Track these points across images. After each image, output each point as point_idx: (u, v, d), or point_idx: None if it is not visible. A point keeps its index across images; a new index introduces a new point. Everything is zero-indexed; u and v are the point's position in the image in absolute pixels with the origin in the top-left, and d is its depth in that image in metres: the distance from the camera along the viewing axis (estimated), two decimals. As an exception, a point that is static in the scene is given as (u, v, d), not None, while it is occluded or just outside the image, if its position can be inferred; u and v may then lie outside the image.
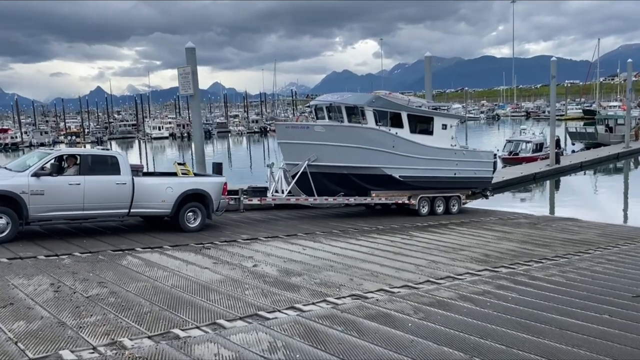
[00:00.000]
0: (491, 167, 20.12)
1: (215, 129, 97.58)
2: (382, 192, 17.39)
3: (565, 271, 9.87)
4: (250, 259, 9.71)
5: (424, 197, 18.18)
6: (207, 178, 13.57)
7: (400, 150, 17.02)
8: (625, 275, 9.74)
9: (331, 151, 16.08)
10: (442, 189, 18.68)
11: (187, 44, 15.63)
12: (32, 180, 10.30)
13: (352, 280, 8.40)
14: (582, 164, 34.35)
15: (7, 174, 10.58)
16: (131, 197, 11.43)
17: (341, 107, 16.87)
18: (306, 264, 9.46)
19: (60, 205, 10.63)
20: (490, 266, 10.06)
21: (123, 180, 11.33)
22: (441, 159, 18.13)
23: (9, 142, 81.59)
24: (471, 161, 19.34)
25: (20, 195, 10.12)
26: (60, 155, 11.28)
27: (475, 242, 12.98)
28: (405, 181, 17.39)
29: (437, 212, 18.60)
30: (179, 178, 12.76)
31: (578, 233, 15.59)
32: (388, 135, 16.81)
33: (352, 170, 16.52)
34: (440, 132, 18.19)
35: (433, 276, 8.97)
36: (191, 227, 12.31)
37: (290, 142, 16.46)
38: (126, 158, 11.89)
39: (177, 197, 12.00)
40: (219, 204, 12.91)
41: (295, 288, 7.76)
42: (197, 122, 16.67)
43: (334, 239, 12.33)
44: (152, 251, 10.10)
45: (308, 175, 15.92)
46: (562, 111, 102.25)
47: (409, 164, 17.27)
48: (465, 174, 18.96)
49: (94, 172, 11.04)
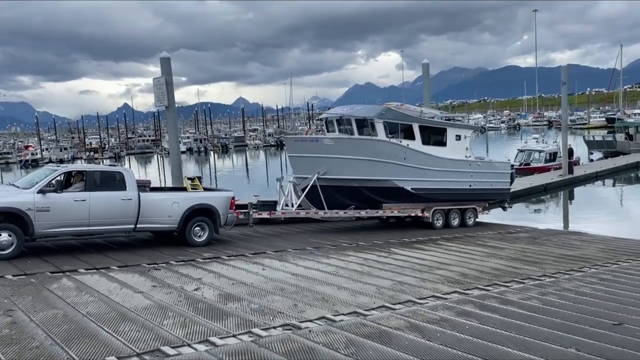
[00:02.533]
0: (508, 179, 19.64)
1: (232, 143, 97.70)
2: (394, 205, 17.11)
3: (545, 293, 8.85)
4: (197, 281, 8.93)
5: (438, 210, 17.78)
6: (214, 193, 13.34)
7: (412, 162, 16.66)
8: (615, 299, 8.68)
9: (341, 164, 15.82)
10: (457, 201, 18.24)
11: (162, 53, 15.06)
12: (37, 197, 10.36)
13: (296, 307, 7.54)
14: (597, 174, 32.80)
15: (13, 190, 10.68)
16: (137, 213, 11.40)
17: (351, 120, 16.66)
18: (255, 287, 8.63)
19: (66, 222, 10.66)
20: (462, 288, 9.09)
21: (129, 195, 11.33)
22: (455, 171, 17.69)
23: (29, 159, 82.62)
24: (487, 172, 18.88)
25: (26, 212, 10.19)
26: (67, 172, 11.44)
27: (458, 259, 12.00)
28: (417, 193, 16.95)
29: (452, 224, 18.16)
30: (185, 193, 12.70)
31: (578, 248, 14.47)
32: (399, 147, 16.50)
33: (363, 183, 16.19)
34: (454, 143, 17.85)
35: (392, 300, 8.06)
36: (198, 242, 12.24)
37: (300, 155, 16.21)
38: (132, 174, 11.79)
39: (183, 212, 11.94)
40: (226, 218, 12.80)
41: (224, 317, 6.93)
42: (172, 135, 16.04)
43: (303, 258, 11.47)
44: (95, 272, 9.39)
45: (318, 189, 15.68)
46: (585, 119, 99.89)
47: (421, 176, 16.86)
48: (481, 186, 18.52)
49: (99, 188, 11.09)
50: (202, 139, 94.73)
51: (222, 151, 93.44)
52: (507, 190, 19.77)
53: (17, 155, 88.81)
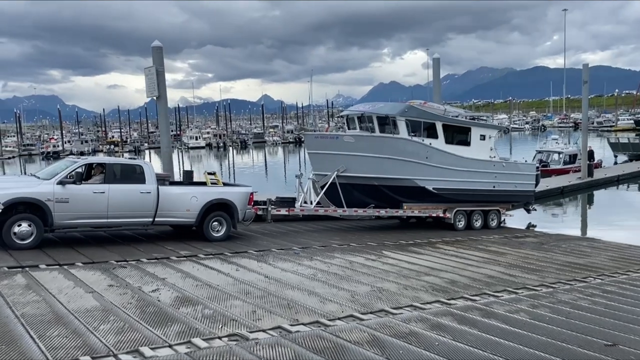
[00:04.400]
0: (533, 180, 19.26)
1: (251, 139, 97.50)
2: (414, 205, 16.71)
3: (537, 306, 8.05)
4: (160, 282, 8.34)
5: (460, 211, 17.38)
6: (233, 188, 13.20)
7: (434, 161, 16.28)
8: (614, 314, 7.84)
9: (361, 162, 15.56)
10: (480, 202, 17.81)
11: (154, 42, 14.50)
12: (57, 188, 10.41)
13: (253, 314, 6.89)
14: (619, 178, 31.38)
15: (34, 181, 10.71)
16: (155, 206, 11.37)
17: (372, 117, 16.34)
18: (218, 290, 8.01)
19: (85, 213, 10.69)
20: (447, 297, 8.34)
21: (148, 189, 11.32)
22: (479, 171, 17.29)
23: (50, 151, 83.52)
24: (512, 173, 18.42)
25: (46, 203, 10.24)
26: (87, 164, 11.46)
27: (452, 265, 11.23)
28: (439, 193, 16.55)
29: (475, 226, 17.76)
30: (204, 187, 12.57)
31: (587, 256, 13.55)
32: (421, 146, 16.11)
33: (383, 181, 15.91)
34: (478, 143, 17.48)
35: (363, 309, 7.36)
36: (216, 236, 12.19)
37: (320, 152, 16.00)
38: (152, 167, 11.81)
39: (201, 206, 11.89)
40: (244, 214, 12.71)
41: (169, 323, 6.31)
42: (163, 128, 15.46)
43: (285, 259, 10.81)
44: (56, 269, 8.87)
45: (337, 186, 15.47)
46: (613, 122, 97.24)
47: (444, 176, 16.46)
48: (505, 187, 18.09)
49: (119, 181, 11.13)
50: (222, 134, 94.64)
51: (240, 147, 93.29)
52: (531, 192, 19.41)
53: (40, 147, 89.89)
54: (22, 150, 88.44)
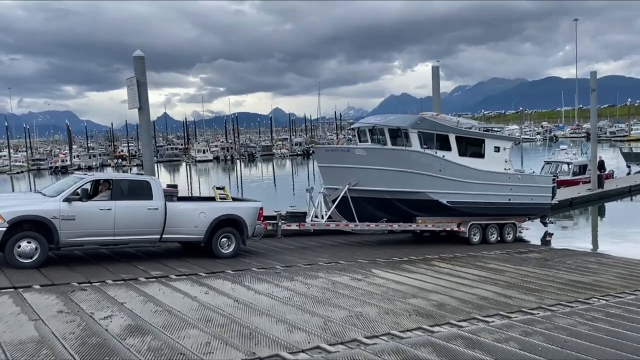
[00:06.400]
0: (550, 192, 18.92)
1: (259, 152, 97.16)
2: (428, 219, 16.44)
3: (530, 333, 7.23)
4: (118, 307, 7.65)
5: (475, 225, 16.97)
6: (242, 203, 12.95)
7: (448, 174, 15.92)
8: (617, 343, 6.98)
9: (373, 175, 15.32)
10: (495, 216, 17.41)
11: (136, 52, 13.97)
12: (63, 205, 10.22)
13: (207, 345, 6.17)
14: (631, 189, 30.25)
15: (40, 198, 10.54)
16: (163, 223, 11.16)
17: (384, 130, 16.07)
18: (177, 317, 7.28)
19: (91, 231, 10.48)
20: (430, 323, 7.55)
21: (155, 205, 11.11)
22: (493, 184, 16.88)
23: (59, 165, 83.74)
24: (527, 186, 18.03)
25: (52, 220, 10.04)
26: (94, 180, 11.25)
27: (444, 284, 10.43)
28: (453, 207, 16.15)
29: (490, 240, 17.34)
30: (212, 203, 12.35)
31: (593, 273, 12.68)
32: (434, 158, 15.76)
33: (395, 195, 15.59)
34: (492, 154, 17.12)
35: (332, 339, 6.61)
36: (225, 253, 11.94)
37: (331, 165, 15.79)
38: (159, 183, 11.60)
39: (210, 222, 11.64)
40: (254, 229, 12.45)
41: (107, 358, 5.62)
42: (146, 140, 14.88)
43: (263, 279, 10.07)
44: (9, 292, 8.22)
45: (349, 200, 15.20)
46: (626, 131, 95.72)
47: (458, 189, 16.07)
48: (521, 200, 17.73)
49: (125, 197, 10.92)
50: (229, 147, 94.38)
51: (248, 160, 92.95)
52: (548, 205, 19.04)
53: (49, 162, 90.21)
54: (32, 165, 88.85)
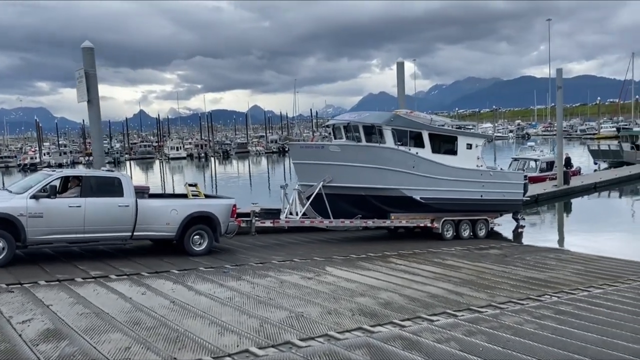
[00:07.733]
0: (521, 189, 19.10)
1: (234, 149, 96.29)
2: (402, 215, 16.46)
3: (474, 332, 6.99)
4: (42, 310, 7.20)
5: (447, 220, 17.07)
6: (215, 200, 12.79)
7: (421, 170, 15.97)
8: (561, 342, 6.77)
9: (347, 172, 15.34)
10: (468, 212, 17.54)
11: (84, 42, 13.42)
12: (30, 202, 9.98)
13: (126, 350, 5.78)
14: (596, 185, 30.52)
15: (6, 195, 10.30)
16: (134, 220, 10.98)
17: (359, 127, 16.13)
18: (104, 320, 6.87)
19: (60, 228, 10.25)
20: (372, 323, 7.26)
21: (126, 202, 10.91)
22: (466, 180, 17.01)
23: (27, 163, 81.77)
24: (499, 182, 18.20)
25: (18, 218, 9.79)
26: (63, 177, 11.09)
27: (396, 282, 10.17)
28: (426, 203, 16.20)
29: (463, 236, 17.44)
30: (184, 200, 12.13)
31: (550, 269, 12.58)
32: (407, 155, 15.82)
33: (370, 191, 15.66)
34: (464, 152, 17.28)
35: (264, 342, 6.27)
36: (197, 250, 11.77)
37: (305, 162, 15.77)
38: (130, 180, 11.44)
39: (182, 219, 11.49)
40: (227, 226, 12.31)
41: (10, 365, 5.21)
42: (95, 135, 14.31)
43: (208, 279, 9.69)
44: None
45: (323, 197, 15.18)
46: (596, 129, 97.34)
47: (431, 185, 16.14)
48: (493, 196, 17.88)
49: (95, 194, 10.70)
50: (203, 144, 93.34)
51: (223, 157, 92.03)
52: (519, 201, 19.20)
53: (18, 159, 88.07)
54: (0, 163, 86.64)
